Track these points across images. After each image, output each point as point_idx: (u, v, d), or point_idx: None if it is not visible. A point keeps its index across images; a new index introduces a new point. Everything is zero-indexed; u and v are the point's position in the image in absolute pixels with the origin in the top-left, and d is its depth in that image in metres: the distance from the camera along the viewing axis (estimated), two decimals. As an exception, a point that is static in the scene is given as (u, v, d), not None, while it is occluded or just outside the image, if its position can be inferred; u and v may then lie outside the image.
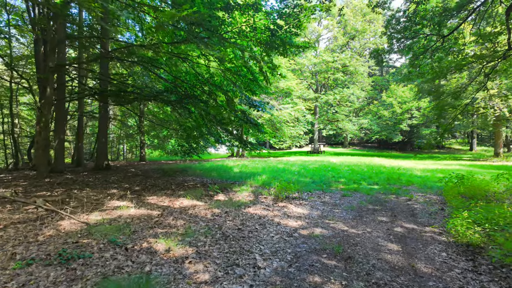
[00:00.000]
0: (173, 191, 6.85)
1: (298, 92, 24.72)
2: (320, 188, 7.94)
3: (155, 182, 8.39)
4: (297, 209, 5.42)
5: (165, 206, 5.33)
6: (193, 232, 3.78)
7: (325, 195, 7.10)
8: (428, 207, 5.91)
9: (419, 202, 6.44)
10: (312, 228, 4.27)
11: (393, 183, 8.93)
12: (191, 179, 9.18)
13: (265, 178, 9.36)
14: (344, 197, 6.93)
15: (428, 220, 4.89)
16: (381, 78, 35.55)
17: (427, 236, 4.03)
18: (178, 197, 6.11)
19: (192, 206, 5.30)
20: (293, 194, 6.69)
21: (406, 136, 32.39)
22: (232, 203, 5.60)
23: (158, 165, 14.54)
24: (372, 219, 4.93)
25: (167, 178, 9.21)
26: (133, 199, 5.95)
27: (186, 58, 8.94)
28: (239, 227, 4.12)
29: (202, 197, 6.15)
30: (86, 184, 7.81)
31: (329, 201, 6.33)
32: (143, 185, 7.70)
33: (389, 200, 6.59)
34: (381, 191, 7.68)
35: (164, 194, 6.48)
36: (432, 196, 7.08)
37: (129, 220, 4.31)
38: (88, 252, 3.03)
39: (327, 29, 29.00)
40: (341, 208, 5.70)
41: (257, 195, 6.54)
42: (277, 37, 6.86)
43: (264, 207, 5.46)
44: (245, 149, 9.35)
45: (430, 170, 12.15)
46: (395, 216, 5.14)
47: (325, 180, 9.22)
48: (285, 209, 5.41)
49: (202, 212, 4.88)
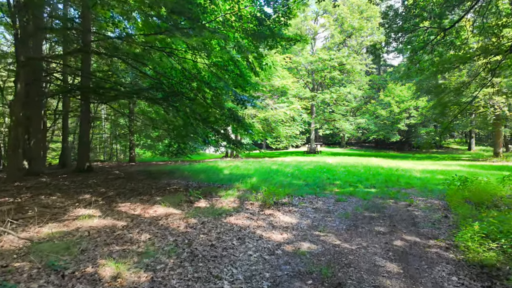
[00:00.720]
0: (151, 196, 6.24)
1: (294, 91, 24.14)
2: (313, 192, 7.36)
3: (135, 185, 7.77)
4: (285, 218, 4.82)
5: (136, 215, 4.72)
6: (156, 251, 3.18)
7: (318, 200, 6.52)
8: (430, 214, 5.34)
9: (420, 208, 5.88)
10: (299, 243, 3.68)
11: (392, 186, 8.38)
12: (175, 182, 8.57)
13: (255, 181, 8.77)
14: (338, 202, 6.35)
15: (431, 231, 4.32)
16: (379, 77, 35.07)
17: (432, 252, 3.45)
18: (153, 203, 5.50)
19: (166, 215, 4.70)
20: (282, 200, 6.10)
21: (404, 136, 31.94)
22: (212, 211, 4.99)
23: (146, 167, 13.91)
24: (368, 230, 4.35)
25: (150, 181, 8.59)
26: (103, 206, 5.34)
27: (171, 53, 8.34)
28: (213, 242, 3.52)
29: (181, 203, 5.54)
30: (59, 188, 7.17)
31: (321, 207, 5.74)
32: (120, 190, 7.07)
33: (387, 206, 6.02)
34: (378, 195, 7.12)
35: (140, 200, 5.86)
36: (433, 201, 6.53)
37: (86, 234, 3.69)
38: (12, 282, 2.42)
39: (323, 27, 28.47)
40: (334, 216, 5.11)
41: (243, 201, 5.94)
42: (265, 27, 6.27)
43: (248, 215, 4.87)
44: (233, 150, 8.74)
45: (430, 171, 11.62)
46: (394, 226, 4.56)
47: (319, 183, 8.65)
48: (272, 217, 4.81)
49: (175, 223, 4.28)
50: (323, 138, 39.43)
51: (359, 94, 28.88)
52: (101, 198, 5.98)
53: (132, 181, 8.64)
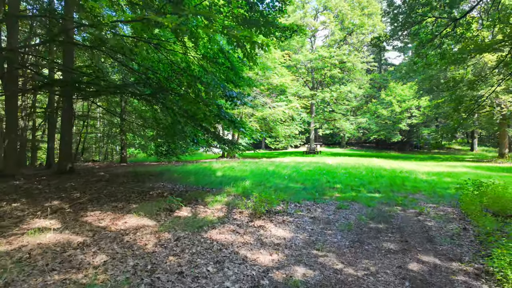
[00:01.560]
0: (127, 203, 5.51)
1: (293, 89, 23.42)
2: (311, 197, 6.64)
3: (115, 189, 7.04)
4: (278, 231, 4.10)
5: (101, 227, 4.00)
6: (104, 283, 2.45)
7: (316, 207, 5.80)
8: (445, 225, 4.63)
9: (432, 217, 5.16)
10: (291, 267, 2.96)
11: (397, 190, 7.66)
12: (161, 185, 7.84)
13: (248, 184, 8.05)
14: (339, 209, 5.64)
15: (452, 249, 3.60)
16: (380, 76, 34.36)
17: (460, 282, 2.73)
18: (127, 212, 4.78)
19: (137, 228, 3.97)
20: (276, 207, 5.39)
21: (405, 136, 31.24)
22: (193, 223, 4.27)
23: (136, 168, 13.19)
24: (376, 247, 3.63)
25: (133, 184, 7.86)
26: (68, 215, 4.61)
27: (158, 45, 7.63)
28: (182, 268, 2.79)
29: (159, 212, 4.82)
30: (28, 193, 6.44)
31: (320, 217, 5.03)
32: (96, 195, 6.35)
33: (395, 215, 5.30)
34: (383, 201, 6.40)
35: (113, 208, 5.14)
36: (446, 208, 5.81)
37: (27, 256, 2.97)
38: None
39: (323, 24, 27.73)
40: (335, 228, 4.40)
41: (231, 209, 5.22)
42: (257, 13, 5.56)
43: (235, 227, 4.15)
44: (224, 150, 8.03)
45: (436, 174, 10.91)
46: (407, 242, 3.85)
47: (319, 186, 7.93)
48: (262, 230, 4.09)
49: (143, 239, 3.56)
50: (323, 138, 38.72)
51: (360, 93, 28.19)
52: (70, 205, 5.26)
53: (114, 184, 7.91)
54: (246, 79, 7.38)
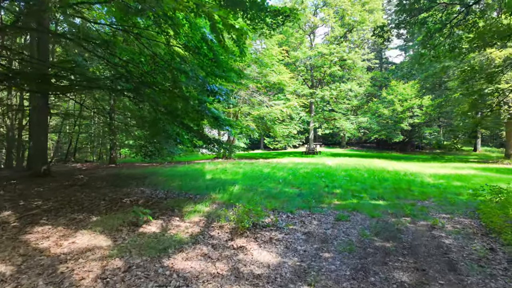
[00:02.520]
0: (90, 214, 4.69)
1: (291, 87, 22.58)
2: (307, 205, 5.83)
3: (85, 196, 6.22)
4: (261, 254, 3.29)
5: (39, 250, 3.19)
6: None
7: (312, 218, 4.99)
8: (467, 244, 3.81)
9: (448, 231, 4.35)
10: (271, 316, 2.15)
11: (404, 197, 6.85)
12: (139, 191, 7.02)
13: (237, 189, 7.24)
14: (339, 221, 4.83)
15: (483, 282, 2.79)
16: (381, 74, 33.51)
17: None
18: (83, 227, 3.96)
19: (83, 251, 3.16)
20: (264, 219, 4.57)
21: (406, 136, 30.40)
22: (157, 243, 3.46)
23: (121, 169, 12.39)
24: (384, 279, 2.82)
25: (108, 190, 7.04)
26: (10, 231, 3.80)
27: (139, 35, 6.83)
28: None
29: (121, 227, 4.01)
30: (-17, 200, 5.63)
31: (316, 232, 4.22)
32: (60, 203, 5.53)
33: (404, 229, 4.49)
34: (389, 210, 5.59)
35: (70, 220, 4.32)
36: (463, 220, 4.99)
37: None
38: None
39: (323, 20, 26.88)
40: (333, 249, 3.58)
41: (210, 222, 4.41)
42: (242, -9, 4.73)
43: (207, 250, 3.33)
44: (211, 150, 7.23)
45: (443, 176, 10.09)
46: (424, 271, 3.03)
47: (316, 192, 7.12)
48: (241, 254, 3.28)
49: (84, 269, 2.74)
50: (323, 138, 37.91)
51: (360, 91, 27.36)
52: (20, 217, 4.44)
53: (88, 189, 7.10)
54: (236, 71, 6.54)
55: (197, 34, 5.97)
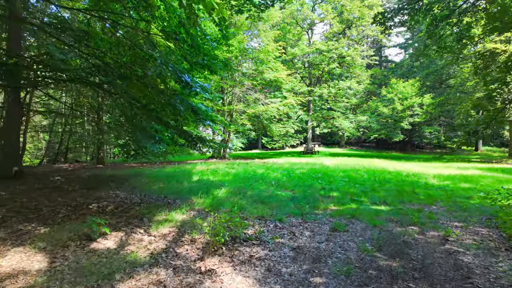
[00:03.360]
0: (41, 224, 3.97)
1: (288, 85, 21.85)
2: (299, 211, 5.12)
3: (48, 202, 5.49)
4: (234, 282, 2.57)
5: None
6: None
7: (304, 227, 4.28)
8: (490, 263, 3.11)
9: (465, 245, 3.65)
10: None
11: (408, 201, 6.15)
12: (113, 195, 6.29)
13: (223, 192, 6.52)
14: (335, 232, 4.12)
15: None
16: (380, 71, 32.83)
17: None
18: (21, 242, 3.24)
19: (4, 278, 2.44)
20: (246, 231, 3.85)
21: (407, 135, 29.73)
22: (104, 265, 2.74)
23: (105, 170, 11.66)
24: (394, 319, 2.11)
25: (79, 193, 6.31)
26: None
27: (116, 22, 6.14)
28: None
29: (71, 241, 3.29)
30: None
31: (307, 246, 3.50)
32: (14, 209, 4.80)
33: (412, 241, 3.78)
34: (393, 217, 4.89)
35: (12, 233, 3.59)
36: (480, 230, 4.29)
37: None
38: None
39: (321, 16, 26.18)
40: (327, 271, 2.87)
41: (181, 235, 3.68)
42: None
43: (165, 277, 2.60)
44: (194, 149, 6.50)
45: (448, 177, 9.40)
46: (444, 305, 2.33)
47: (311, 195, 6.41)
48: (208, 281, 2.56)
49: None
50: (321, 137, 37.23)
51: (359, 89, 26.68)
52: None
53: (58, 192, 6.36)
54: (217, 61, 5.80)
55: (174, 18, 5.27)
